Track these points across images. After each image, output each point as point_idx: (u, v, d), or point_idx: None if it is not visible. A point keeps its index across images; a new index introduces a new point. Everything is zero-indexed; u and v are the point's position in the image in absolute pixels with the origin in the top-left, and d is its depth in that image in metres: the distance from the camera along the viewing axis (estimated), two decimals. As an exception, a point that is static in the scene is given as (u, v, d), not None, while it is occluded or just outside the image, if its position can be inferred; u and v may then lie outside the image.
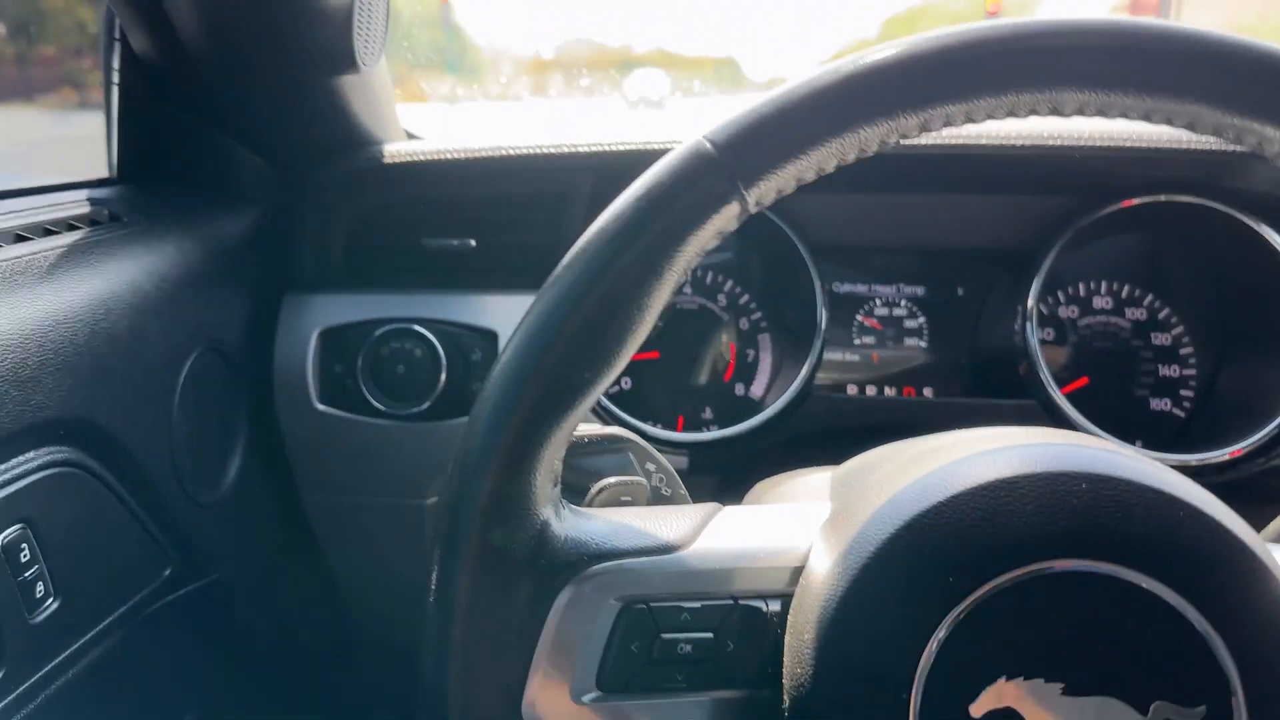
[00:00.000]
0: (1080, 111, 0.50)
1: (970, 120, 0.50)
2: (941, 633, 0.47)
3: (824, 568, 0.51)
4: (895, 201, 1.16)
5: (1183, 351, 1.17)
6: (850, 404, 1.18)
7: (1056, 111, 0.50)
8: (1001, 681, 0.47)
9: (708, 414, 1.23)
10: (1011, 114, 0.50)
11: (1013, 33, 0.47)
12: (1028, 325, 1.08)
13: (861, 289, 1.22)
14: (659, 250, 0.49)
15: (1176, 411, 1.17)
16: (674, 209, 0.49)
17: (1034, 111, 0.50)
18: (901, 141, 0.50)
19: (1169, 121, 0.49)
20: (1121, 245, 1.18)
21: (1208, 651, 0.46)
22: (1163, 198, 1.05)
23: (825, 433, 1.14)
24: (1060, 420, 1.06)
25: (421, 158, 1.11)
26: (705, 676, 0.53)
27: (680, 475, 1.10)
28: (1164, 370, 1.17)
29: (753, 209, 0.51)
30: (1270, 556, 0.49)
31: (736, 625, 0.53)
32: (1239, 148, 0.51)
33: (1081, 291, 1.20)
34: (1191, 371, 1.17)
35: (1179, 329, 1.18)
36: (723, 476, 1.14)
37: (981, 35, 0.48)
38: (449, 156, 1.11)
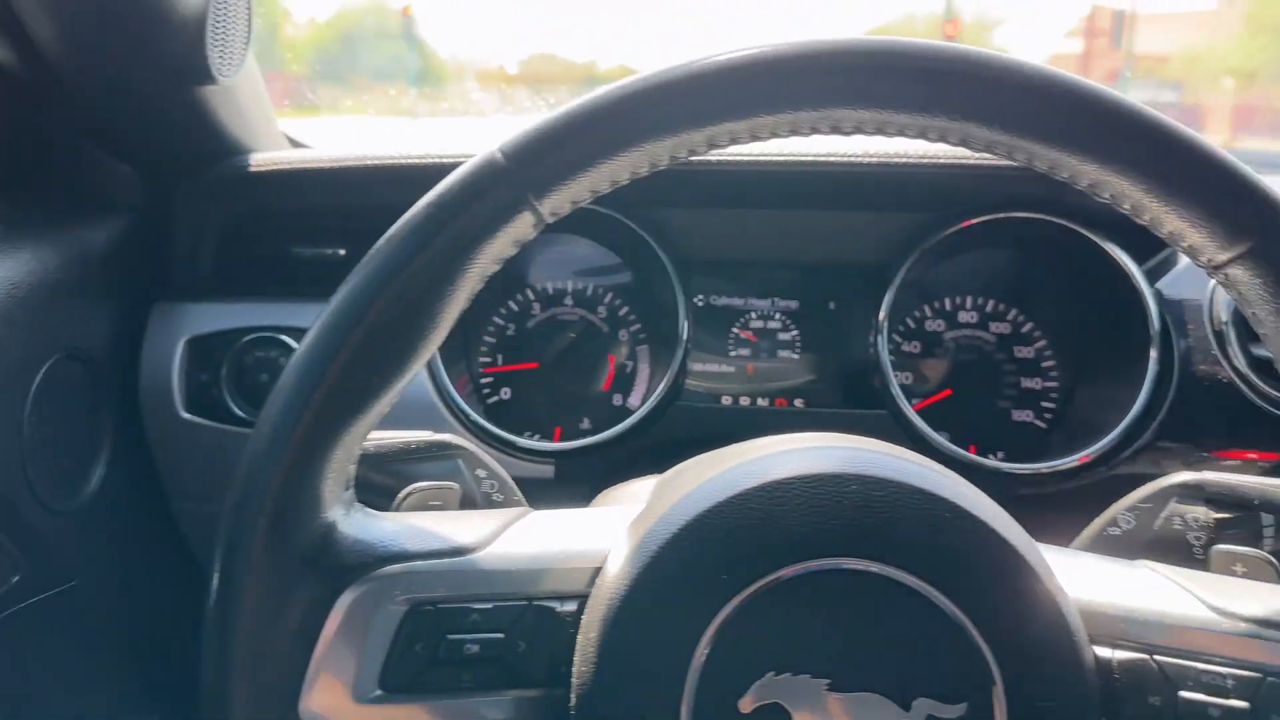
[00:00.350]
0: (859, 129, 0.51)
1: (756, 138, 0.51)
2: (713, 630, 0.49)
3: (615, 568, 0.52)
4: (768, 217, 1.18)
5: (1045, 364, 1.20)
6: (722, 414, 1.20)
7: (837, 130, 0.51)
8: (769, 677, 0.48)
9: (586, 424, 1.24)
10: (794, 132, 0.52)
11: (792, 52, 0.49)
12: (879, 339, 1.10)
13: (738, 302, 1.24)
14: (448, 257, 0.51)
15: (1038, 423, 1.20)
16: (463, 217, 0.50)
17: (815, 130, 0.51)
18: (692, 156, 0.52)
19: (944, 139, 0.50)
20: (987, 260, 1.21)
21: (970, 649, 0.48)
22: (1000, 215, 1.08)
23: (696, 442, 1.15)
24: (910, 431, 1.09)
25: (289, 166, 1.12)
26: (494, 676, 0.53)
27: (546, 485, 1.13)
28: (1026, 382, 1.20)
29: (548, 219, 0.52)
30: (1038, 557, 0.51)
31: (530, 626, 0.54)
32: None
33: (948, 305, 1.22)
34: (1053, 384, 1.20)
35: (1041, 342, 1.21)
36: (593, 486, 1.15)
37: (761, 55, 0.49)
38: (318, 165, 1.12)
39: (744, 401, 1.21)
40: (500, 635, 0.53)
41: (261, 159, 1.13)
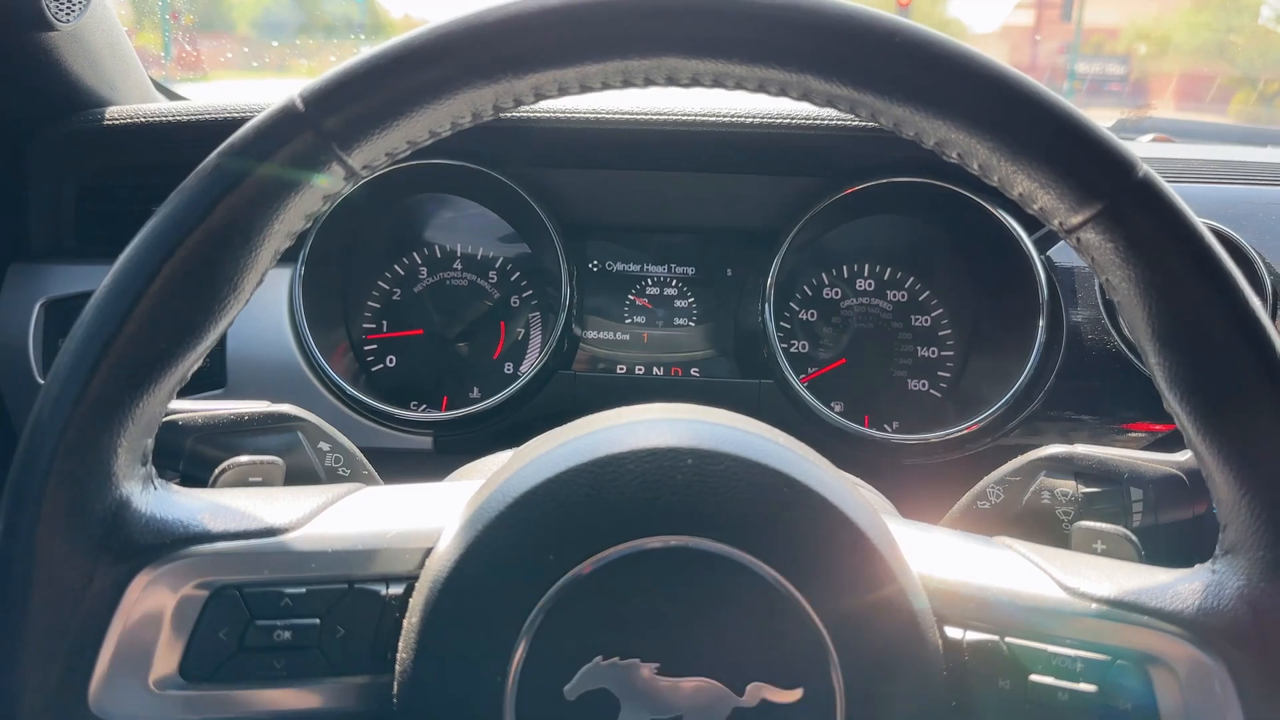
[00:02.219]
0: (697, 81, 0.48)
1: (586, 88, 0.48)
2: (538, 614, 0.46)
3: (443, 547, 0.49)
4: (663, 180, 1.15)
5: (941, 334, 1.19)
6: (614, 383, 1.17)
7: (673, 81, 0.48)
8: (596, 661, 0.46)
9: (475, 393, 1.20)
10: (627, 82, 0.48)
11: None
12: (766, 307, 1.07)
13: (634, 268, 1.20)
14: (245, 212, 0.47)
15: (933, 392, 1.18)
16: (259, 170, 0.46)
17: (650, 81, 0.48)
18: (519, 106, 0.48)
19: (785, 92, 0.47)
20: (886, 226, 1.18)
21: (808, 630, 0.46)
22: (885, 181, 1.05)
23: (587, 411, 1.13)
24: (797, 402, 1.06)
25: (149, 119, 1.06)
26: (310, 664, 0.50)
27: (424, 457, 1.09)
28: (922, 352, 1.18)
29: (360, 172, 0.49)
30: (883, 534, 0.48)
31: (350, 610, 0.50)
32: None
33: (846, 273, 1.20)
34: (950, 353, 1.18)
35: (938, 311, 1.19)
36: (473, 458, 1.11)
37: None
38: (179, 118, 1.06)
39: (639, 370, 1.18)
40: (315, 621, 0.50)
41: (119, 111, 1.07)
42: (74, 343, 0.47)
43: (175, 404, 0.74)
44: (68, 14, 0.91)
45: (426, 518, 0.53)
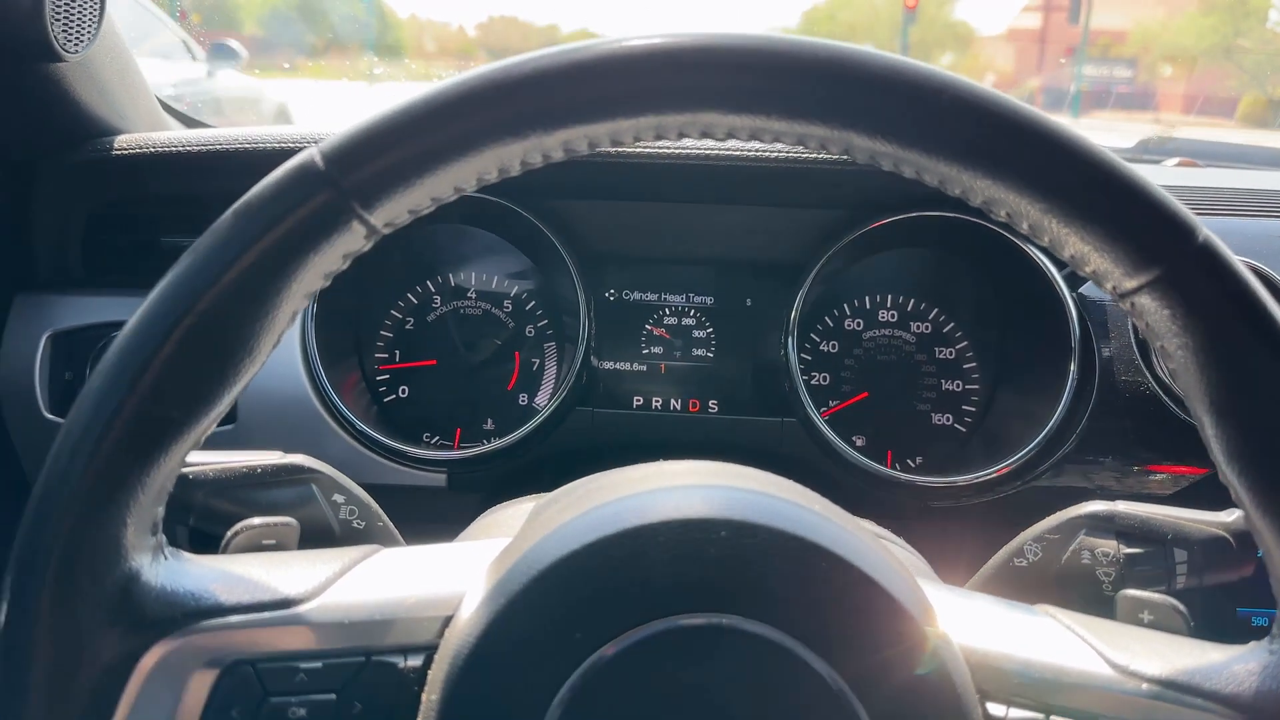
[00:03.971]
0: (733, 135, 0.46)
1: (617, 143, 0.46)
2: (565, 694, 0.43)
3: (466, 616, 0.46)
4: (683, 211, 1.12)
5: (966, 366, 1.16)
6: (632, 419, 1.14)
7: (708, 135, 0.46)
8: None
9: (489, 425, 1.18)
10: (660, 136, 0.46)
11: (654, 49, 0.43)
12: (789, 340, 1.05)
13: (651, 298, 1.18)
14: (262, 274, 0.44)
15: (958, 427, 1.15)
16: (277, 229, 0.44)
17: (684, 134, 0.46)
18: (547, 162, 0.46)
19: (825, 149, 0.45)
20: (909, 259, 1.16)
21: (846, 713, 0.43)
22: (914, 214, 1.03)
23: (604, 449, 1.10)
24: (819, 440, 1.04)
25: (157, 149, 1.03)
26: None
27: (438, 495, 1.06)
28: (946, 385, 1.16)
29: (382, 230, 0.46)
30: (923, 605, 0.46)
31: (368, 685, 0.48)
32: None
33: (868, 304, 1.17)
34: (975, 387, 1.16)
35: (963, 344, 1.16)
36: (488, 495, 1.09)
37: (618, 50, 0.43)
38: (188, 148, 1.03)
39: (656, 404, 1.15)
40: (332, 696, 0.48)
41: (127, 140, 1.04)
42: (82, 411, 0.45)
43: None
44: (76, 44, 0.89)
45: (445, 583, 0.51)
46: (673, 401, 1.16)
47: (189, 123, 1.25)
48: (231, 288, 0.44)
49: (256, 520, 0.65)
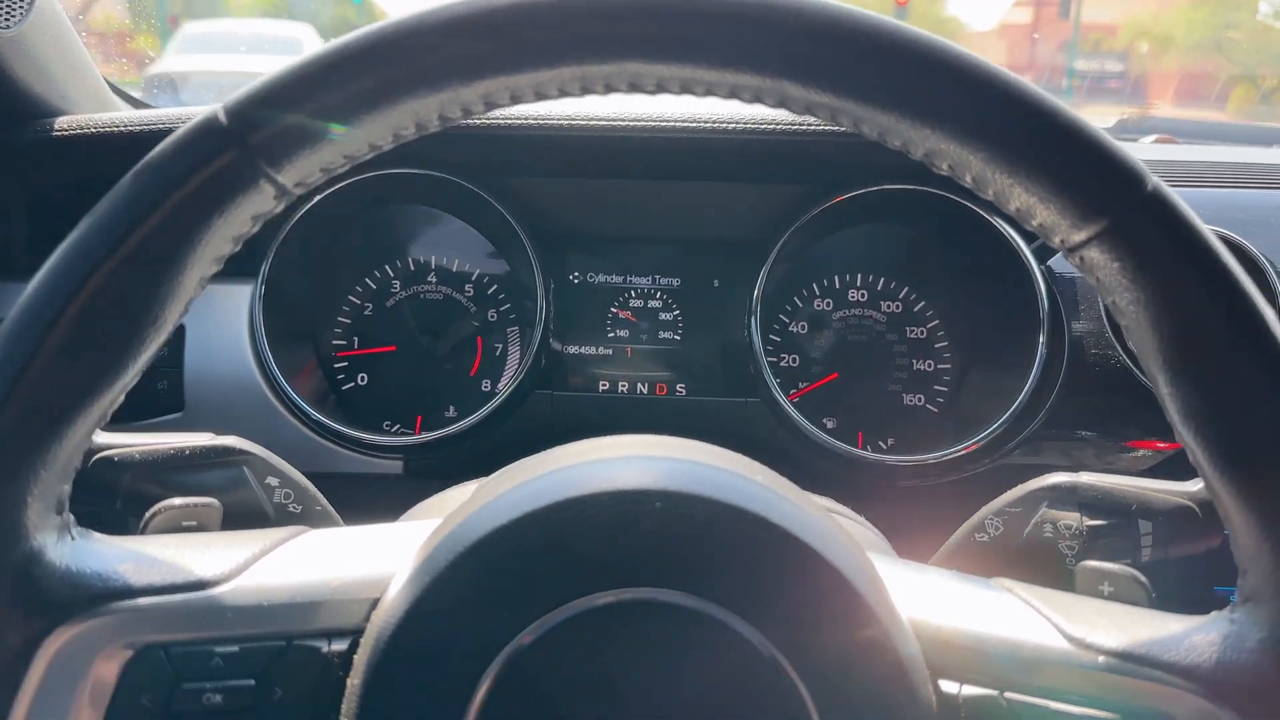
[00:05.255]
0: (663, 88, 0.44)
1: (542, 95, 0.44)
2: (492, 674, 0.42)
3: (390, 597, 0.44)
4: (646, 189, 1.10)
5: (937, 345, 1.14)
6: (596, 402, 1.12)
7: (637, 88, 0.44)
8: None
9: (451, 412, 1.15)
10: (586, 89, 0.44)
11: None
12: (752, 321, 1.02)
13: (616, 279, 1.15)
14: (163, 239, 0.43)
15: (930, 407, 1.13)
16: (179, 190, 0.42)
17: (611, 88, 0.44)
18: (469, 117, 0.44)
19: (759, 99, 0.43)
20: (878, 235, 1.14)
21: (785, 689, 0.42)
22: (876, 189, 1.01)
23: (567, 433, 1.08)
24: (785, 420, 1.01)
25: (101, 129, 1.01)
26: None
27: (395, 483, 1.04)
28: (918, 364, 1.14)
29: (293, 190, 0.45)
30: (870, 579, 0.44)
31: (289, 669, 0.46)
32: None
33: (837, 283, 1.15)
34: (946, 366, 1.13)
35: (934, 323, 1.14)
36: (447, 483, 1.06)
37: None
38: (134, 128, 1.00)
39: (623, 388, 1.13)
40: (250, 682, 0.46)
41: (69, 121, 1.02)
42: None
43: (117, 436, 0.70)
44: (8, 20, 0.86)
45: (374, 564, 0.48)
46: (640, 385, 1.13)
47: (137, 104, 1.22)
48: (131, 253, 0.42)
49: (176, 501, 0.63)
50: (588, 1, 0.41)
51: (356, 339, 1.16)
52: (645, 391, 1.13)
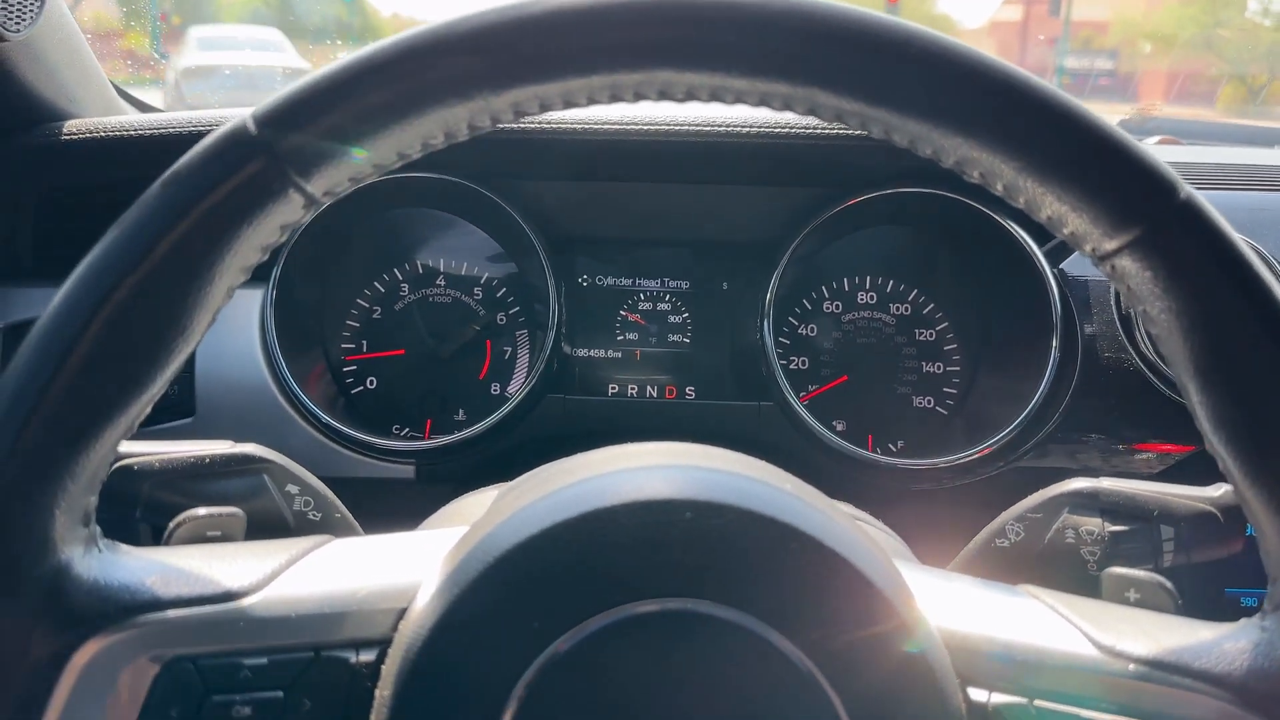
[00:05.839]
0: (692, 95, 0.44)
1: (570, 104, 0.44)
2: (523, 687, 0.41)
3: (420, 608, 0.44)
4: (655, 191, 1.10)
5: (947, 348, 1.14)
6: (606, 406, 1.12)
7: (666, 96, 0.44)
8: None
9: (461, 415, 1.15)
10: (616, 97, 0.44)
11: (606, 3, 0.41)
12: (765, 324, 1.02)
13: (625, 282, 1.15)
14: (191, 249, 0.42)
15: (939, 409, 1.13)
16: (207, 199, 0.42)
17: (641, 96, 0.44)
18: (497, 125, 0.44)
19: (789, 107, 0.43)
20: (888, 237, 1.14)
21: (818, 700, 0.41)
22: (891, 191, 1.01)
23: (579, 437, 1.08)
24: (798, 423, 1.01)
25: (109, 133, 1.00)
26: None
27: (406, 487, 1.03)
28: (927, 367, 1.14)
29: (322, 199, 0.44)
30: (900, 588, 0.44)
31: (317, 681, 0.46)
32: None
33: (846, 286, 1.15)
34: (956, 368, 1.14)
35: (944, 325, 1.14)
36: (458, 486, 1.06)
37: (569, 5, 0.41)
38: (142, 132, 1.00)
39: (633, 391, 1.13)
40: (279, 694, 0.46)
41: (78, 125, 1.01)
42: (2, 396, 0.42)
43: (130, 443, 0.69)
44: (17, 24, 0.86)
45: (400, 573, 0.48)
46: (649, 388, 1.13)
47: (143, 107, 1.21)
48: (160, 263, 0.42)
49: (200, 510, 0.62)
50: (619, 10, 0.41)
51: (365, 343, 1.15)
52: (654, 394, 1.13)
